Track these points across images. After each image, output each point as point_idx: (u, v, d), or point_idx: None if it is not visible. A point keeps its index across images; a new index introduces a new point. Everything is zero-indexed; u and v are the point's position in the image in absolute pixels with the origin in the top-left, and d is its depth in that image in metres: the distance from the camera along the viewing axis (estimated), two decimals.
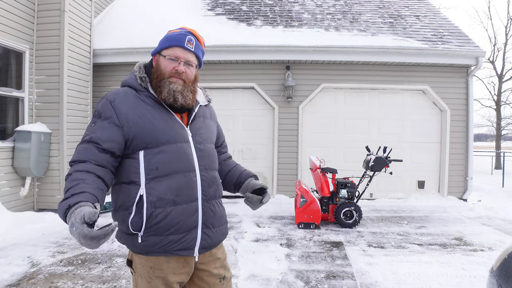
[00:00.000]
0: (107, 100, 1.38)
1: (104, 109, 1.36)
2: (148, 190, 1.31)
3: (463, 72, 7.01)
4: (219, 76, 6.95)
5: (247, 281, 3.17)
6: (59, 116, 5.66)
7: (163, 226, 1.32)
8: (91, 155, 1.29)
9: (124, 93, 1.40)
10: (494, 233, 4.72)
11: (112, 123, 1.33)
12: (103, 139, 1.31)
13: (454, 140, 7.02)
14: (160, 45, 1.45)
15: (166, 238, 1.32)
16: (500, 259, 1.85)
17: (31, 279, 3.18)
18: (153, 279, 1.35)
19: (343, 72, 7.04)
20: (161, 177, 1.33)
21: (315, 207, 4.87)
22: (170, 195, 1.33)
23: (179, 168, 1.36)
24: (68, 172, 1.27)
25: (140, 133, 1.34)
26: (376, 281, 3.18)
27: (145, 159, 1.33)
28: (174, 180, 1.34)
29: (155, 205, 1.31)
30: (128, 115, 1.34)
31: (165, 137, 1.36)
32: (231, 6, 8.31)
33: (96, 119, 1.36)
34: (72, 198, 1.15)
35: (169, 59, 1.41)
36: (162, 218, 1.31)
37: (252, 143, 7.20)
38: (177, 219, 1.33)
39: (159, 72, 1.41)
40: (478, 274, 3.30)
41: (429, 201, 6.72)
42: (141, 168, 1.33)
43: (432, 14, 8.29)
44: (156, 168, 1.33)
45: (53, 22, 5.64)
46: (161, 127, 1.37)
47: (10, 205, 5.15)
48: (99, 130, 1.33)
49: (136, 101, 1.38)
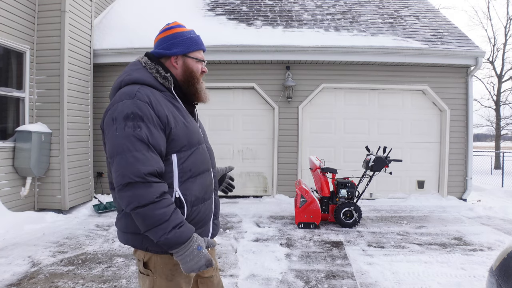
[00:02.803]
0: (141, 101, 1.26)
1: (144, 111, 1.24)
2: (184, 191, 1.34)
3: (462, 72, 7.02)
4: (219, 76, 6.97)
5: (247, 281, 3.18)
6: (59, 116, 5.67)
7: (196, 222, 1.39)
8: (160, 165, 1.26)
9: (152, 94, 1.31)
10: (494, 233, 4.73)
11: (158, 127, 1.27)
12: (160, 144, 1.27)
13: (454, 140, 7.03)
14: (188, 47, 1.44)
15: None
16: (500, 259, 1.86)
17: (31, 278, 3.18)
18: (176, 276, 1.38)
19: (343, 72, 7.05)
20: (193, 178, 1.38)
21: (315, 207, 4.88)
22: (202, 193, 1.42)
23: (205, 168, 1.45)
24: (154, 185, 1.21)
25: (178, 135, 1.33)
26: (376, 280, 3.19)
27: (179, 162, 1.34)
28: (203, 179, 1.43)
29: (193, 204, 1.37)
30: (167, 118, 1.30)
31: (195, 139, 1.41)
32: (231, 7, 8.31)
33: (139, 122, 1.23)
34: (187, 224, 1.27)
35: (197, 61, 1.47)
36: (196, 215, 1.39)
37: (252, 143, 7.21)
38: (204, 214, 1.43)
39: (194, 75, 1.45)
40: (477, 274, 3.31)
41: (428, 201, 6.74)
42: (175, 171, 1.33)
43: (432, 14, 8.29)
44: (189, 169, 1.37)
45: (53, 23, 5.65)
46: (192, 129, 1.40)
47: (10, 205, 5.16)
48: (150, 135, 1.24)
49: (166, 103, 1.34)
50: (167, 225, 1.20)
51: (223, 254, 3.85)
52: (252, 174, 7.21)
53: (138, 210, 1.19)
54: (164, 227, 1.20)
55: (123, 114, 1.23)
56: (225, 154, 7.09)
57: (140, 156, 1.20)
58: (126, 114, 1.23)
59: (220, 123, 7.13)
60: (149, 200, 1.18)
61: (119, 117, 1.23)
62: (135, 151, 1.20)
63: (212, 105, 6.95)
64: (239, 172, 7.17)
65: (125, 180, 1.18)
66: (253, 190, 7.22)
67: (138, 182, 1.18)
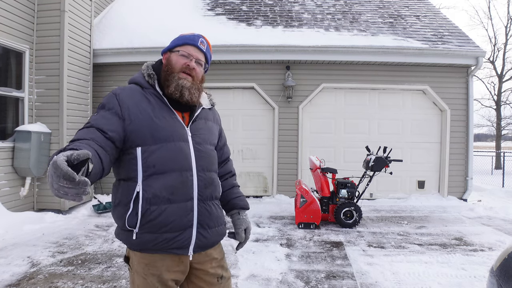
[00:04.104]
0: (113, 93, 1.40)
1: (109, 101, 1.37)
2: (144, 187, 1.32)
3: (463, 72, 7.01)
4: (219, 76, 6.96)
5: (247, 281, 3.17)
6: (59, 116, 5.66)
7: (157, 223, 1.32)
8: (95, 136, 1.24)
9: (130, 89, 1.43)
10: (494, 233, 4.72)
11: (115, 114, 1.34)
12: (107, 128, 1.30)
13: (454, 140, 7.02)
14: (173, 43, 1.48)
15: (160, 236, 1.33)
16: (500, 259, 1.85)
17: (31, 279, 3.17)
18: (148, 276, 1.36)
19: (343, 72, 7.04)
20: (157, 175, 1.34)
21: (315, 207, 4.87)
22: (166, 193, 1.33)
23: (176, 166, 1.36)
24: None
25: (139, 128, 1.34)
26: (376, 281, 3.18)
27: (143, 156, 1.34)
28: (170, 178, 1.34)
29: (150, 202, 1.32)
30: (130, 109, 1.36)
31: (163, 134, 1.36)
32: (231, 6, 8.31)
33: (100, 109, 1.37)
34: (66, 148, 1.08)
35: (181, 55, 1.44)
36: (157, 216, 1.32)
37: (252, 143, 7.20)
38: (172, 218, 1.33)
39: (169, 66, 1.43)
40: (478, 274, 3.29)
41: (429, 201, 6.73)
42: (139, 164, 1.33)
43: (432, 14, 8.28)
44: (153, 165, 1.33)
45: (53, 22, 5.64)
46: (161, 125, 1.37)
47: (10, 205, 5.15)
48: (102, 119, 1.32)
49: (140, 98, 1.40)
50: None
51: None
52: (252, 174, 7.20)
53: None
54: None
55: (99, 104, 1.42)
56: None
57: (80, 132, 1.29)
58: (99, 104, 1.42)
59: None
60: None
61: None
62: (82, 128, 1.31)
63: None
64: (239, 172, 7.16)
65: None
66: (253, 190, 7.21)
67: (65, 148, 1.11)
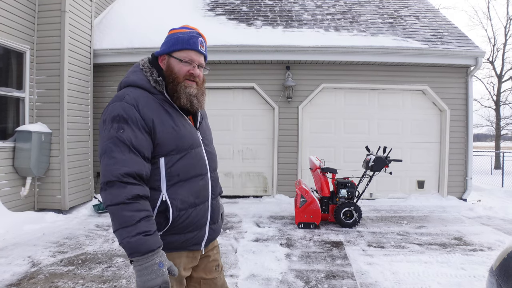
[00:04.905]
0: (128, 104, 1.28)
1: (129, 114, 1.26)
2: (171, 195, 1.34)
3: (462, 72, 7.02)
4: (219, 76, 6.97)
5: (247, 281, 3.18)
6: (59, 116, 5.67)
7: (184, 226, 1.38)
8: (139, 167, 1.25)
9: (142, 97, 1.32)
10: (494, 233, 4.73)
11: (143, 129, 1.27)
12: (143, 146, 1.27)
13: (454, 140, 7.03)
14: (171, 46, 1.39)
15: (184, 236, 1.39)
16: (500, 259, 1.86)
17: (31, 278, 3.18)
18: None
19: (343, 72, 7.04)
20: (182, 182, 1.36)
21: (315, 207, 4.88)
22: (192, 197, 1.38)
23: (198, 172, 1.41)
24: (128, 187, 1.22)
25: (165, 140, 1.32)
26: (376, 281, 3.19)
27: (166, 166, 1.34)
28: (194, 184, 1.40)
29: (179, 208, 1.35)
30: (153, 121, 1.30)
31: (186, 143, 1.38)
32: (231, 7, 8.32)
33: (123, 124, 1.25)
34: (155, 237, 1.23)
35: (181, 62, 1.37)
36: (185, 219, 1.37)
37: (252, 143, 7.21)
38: (196, 219, 1.41)
39: (174, 76, 1.37)
40: (477, 274, 3.31)
41: (428, 201, 6.74)
42: (162, 174, 1.33)
43: (432, 14, 8.29)
44: (177, 174, 1.35)
45: (53, 23, 5.64)
46: (183, 134, 1.37)
47: (10, 205, 5.16)
48: (135, 139, 1.25)
49: (156, 106, 1.33)
50: (133, 229, 1.19)
51: (223, 254, 3.85)
52: (252, 174, 7.21)
53: (110, 208, 1.22)
54: (129, 230, 1.19)
55: (111, 116, 1.27)
56: (225, 154, 7.09)
57: (119, 157, 1.23)
58: (113, 116, 1.26)
59: (220, 123, 7.12)
60: (120, 200, 1.20)
61: (108, 119, 1.28)
62: (115, 152, 1.23)
63: (212, 105, 6.96)
64: (239, 172, 7.18)
65: (105, 179, 1.23)
66: (253, 190, 7.22)
67: (114, 181, 1.21)
